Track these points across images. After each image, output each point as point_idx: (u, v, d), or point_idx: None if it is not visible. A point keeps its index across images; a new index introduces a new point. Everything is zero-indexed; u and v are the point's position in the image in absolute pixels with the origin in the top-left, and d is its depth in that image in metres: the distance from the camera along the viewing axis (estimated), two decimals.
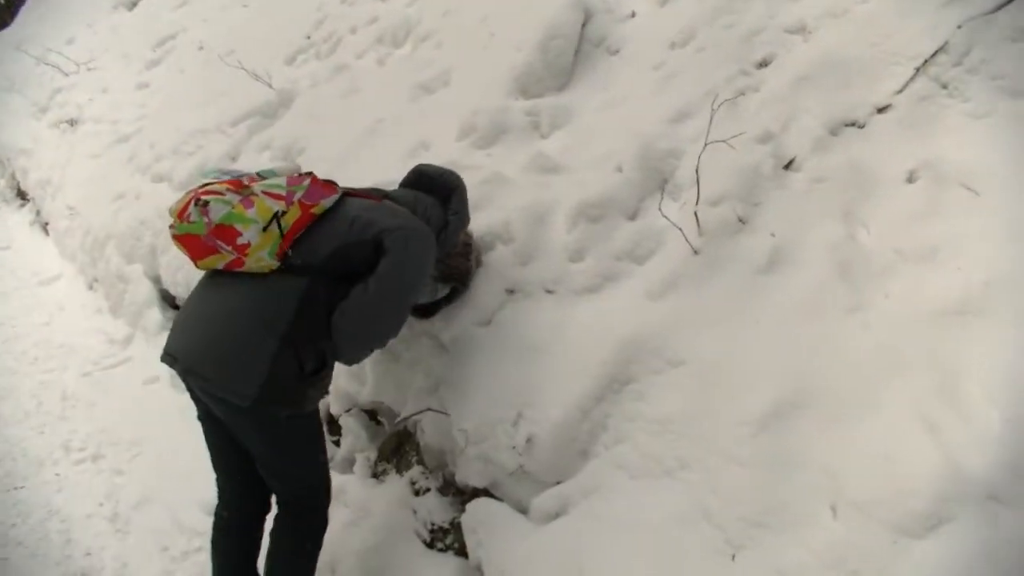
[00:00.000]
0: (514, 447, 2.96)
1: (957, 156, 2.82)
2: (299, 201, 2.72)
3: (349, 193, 2.93)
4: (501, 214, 3.50)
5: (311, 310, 2.68)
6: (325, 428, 3.95)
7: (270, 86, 5.92)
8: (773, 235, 2.97)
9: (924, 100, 3.04)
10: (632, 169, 3.38)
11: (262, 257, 2.64)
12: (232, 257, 2.63)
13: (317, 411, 2.93)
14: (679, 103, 3.57)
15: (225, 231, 2.60)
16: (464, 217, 3.25)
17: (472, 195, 3.44)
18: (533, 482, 2.96)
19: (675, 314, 2.94)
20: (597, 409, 2.90)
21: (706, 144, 3.10)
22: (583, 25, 4.36)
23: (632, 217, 3.33)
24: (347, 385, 3.73)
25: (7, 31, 12.58)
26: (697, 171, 3.10)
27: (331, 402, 3.90)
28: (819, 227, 2.91)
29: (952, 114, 2.97)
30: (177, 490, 4.03)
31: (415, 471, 3.44)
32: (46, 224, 8.42)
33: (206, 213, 2.59)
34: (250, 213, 2.62)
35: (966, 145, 2.84)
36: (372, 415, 3.81)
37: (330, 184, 2.87)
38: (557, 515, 2.82)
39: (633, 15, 4.36)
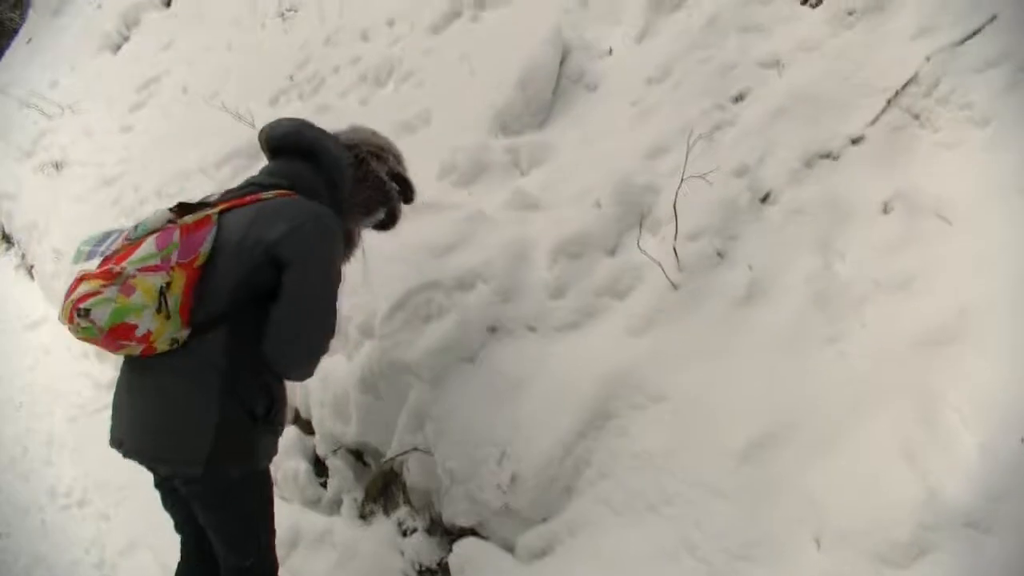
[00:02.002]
0: (499, 485, 2.96)
1: (930, 186, 2.85)
2: (178, 264, 2.46)
3: (226, 208, 2.64)
4: (482, 252, 3.51)
5: (240, 353, 2.54)
6: (312, 469, 3.95)
7: (253, 127, 5.94)
8: (751, 268, 2.99)
9: (896, 131, 3.08)
10: (610, 205, 3.41)
11: (168, 338, 2.45)
12: (141, 348, 2.44)
13: (268, 471, 2.81)
14: (656, 138, 3.60)
15: (120, 330, 2.36)
16: (344, 173, 2.92)
17: (453, 233, 3.45)
18: (519, 520, 2.96)
19: (656, 349, 2.96)
20: (580, 445, 2.90)
21: (683, 179, 3.13)
22: (561, 62, 4.40)
23: (612, 253, 3.35)
24: (333, 426, 3.72)
25: None
26: (675, 206, 3.12)
27: (317, 443, 3.89)
28: (796, 259, 2.94)
29: (924, 144, 3.01)
30: (163, 535, 3.94)
31: (402, 511, 3.44)
32: (31, 268, 8.41)
33: (92, 321, 2.35)
34: (135, 300, 2.37)
35: (939, 175, 2.87)
36: (358, 456, 3.80)
37: (204, 218, 2.57)
38: (544, 553, 2.82)
39: (610, 52, 4.41)
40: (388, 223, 3.18)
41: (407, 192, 3.18)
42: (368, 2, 6.34)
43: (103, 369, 6.03)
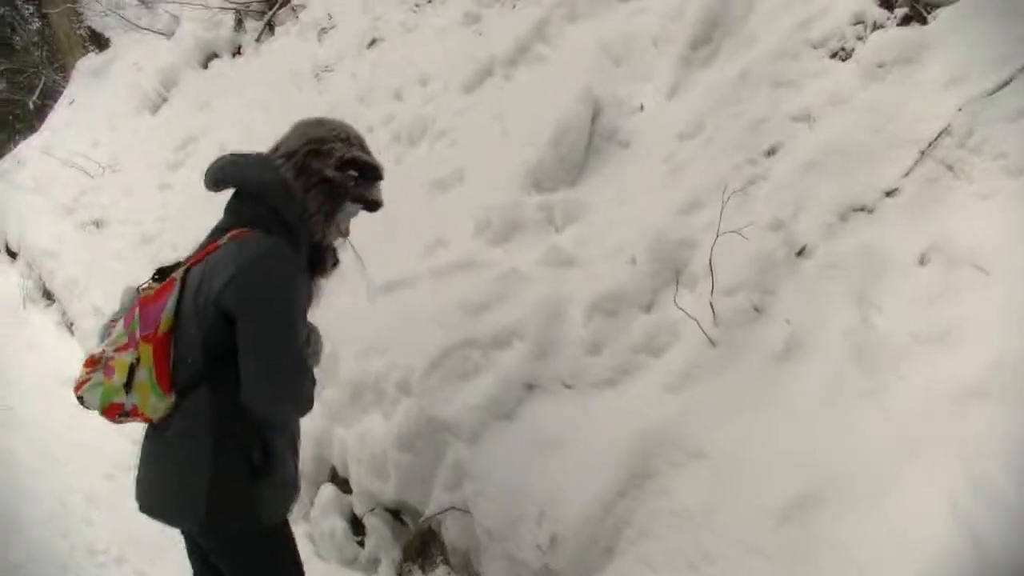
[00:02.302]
0: (538, 546, 2.94)
1: (966, 237, 2.84)
2: (142, 338, 2.45)
3: (192, 264, 2.56)
4: (517, 310, 3.53)
5: (226, 407, 2.50)
6: (349, 528, 3.94)
7: None
8: (788, 322, 2.99)
9: (930, 183, 3.07)
10: (646, 261, 3.43)
11: (157, 407, 2.48)
12: (139, 419, 2.52)
13: (284, 526, 2.74)
14: (690, 194, 3.62)
15: (111, 409, 2.47)
16: (280, 197, 2.64)
17: (488, 292, 3.47)
18: None
19: (694, 406, 2.95)
20: (620, 505, 2.88)
21: (718, 234, 3.15)
22: (593, 120, 4.44)
23: (647, 309, 3.36)
24: (370, 484, 3.72)
25: (35, 136, 12.94)
26: (711, 261, 3.14)
27: (354, 502, 3.89)
28: (833, 313, 2.93)
29: (959, 195, 3.00)
30: None
31: (440, 571, 3.42)
32: (71, 325, 8.52)
33: (88, 406, 2.50)
34: (115, 381, 2.45)
35: (974, 226, 2.86)
36: (396, 514, 3.80)
37: (167, 284, 2.51)
38: None
39: (642, 108, 4.45)
40: (369, 209, 2.87)
41: (368, 172, 2.77)
42: (401, 62, 6.44)
43: (139, 426, 6.06)
